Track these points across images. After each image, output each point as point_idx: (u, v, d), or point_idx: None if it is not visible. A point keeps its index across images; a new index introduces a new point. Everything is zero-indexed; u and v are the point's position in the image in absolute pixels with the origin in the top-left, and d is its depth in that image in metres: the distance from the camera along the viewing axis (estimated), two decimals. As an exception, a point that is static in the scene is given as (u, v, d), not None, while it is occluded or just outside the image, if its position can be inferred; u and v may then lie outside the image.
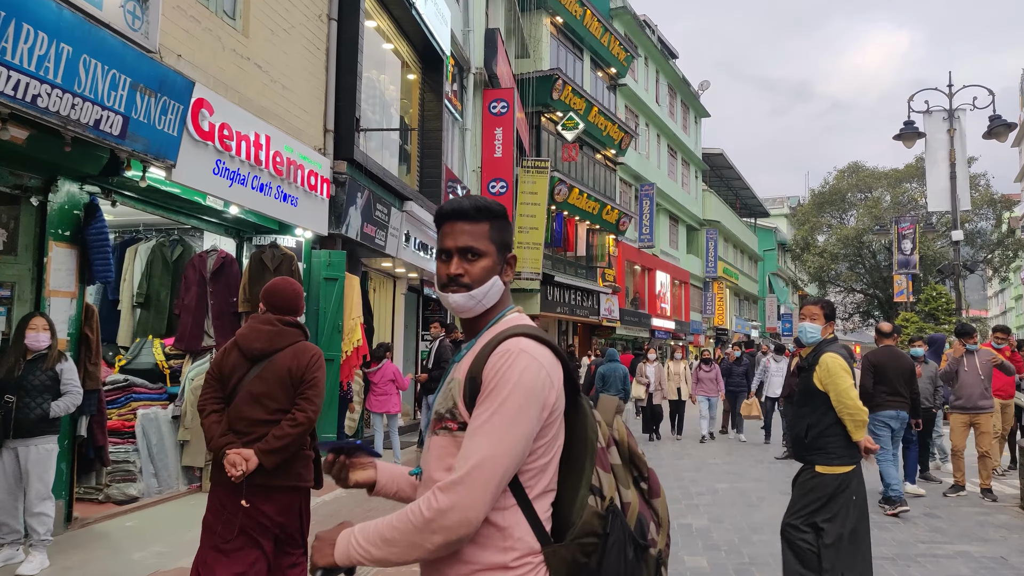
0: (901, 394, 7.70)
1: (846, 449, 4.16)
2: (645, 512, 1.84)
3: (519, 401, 1.59)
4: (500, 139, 15.80)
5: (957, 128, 18.48)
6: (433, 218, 1.83)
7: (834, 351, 4.27)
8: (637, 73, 32.34)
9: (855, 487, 4.19)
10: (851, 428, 4.16)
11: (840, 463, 4.15)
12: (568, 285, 24.36)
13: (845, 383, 4.15)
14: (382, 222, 10.05)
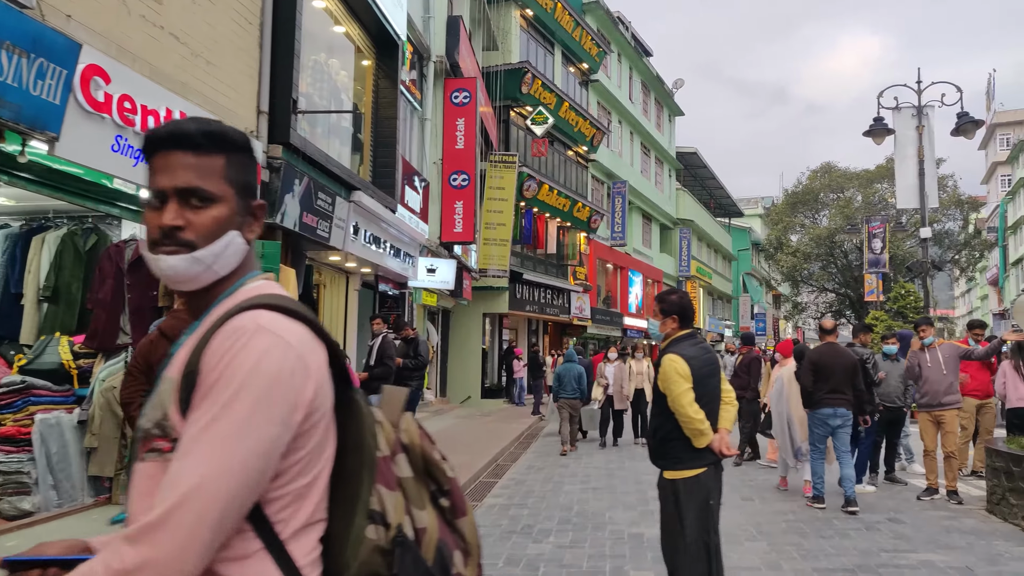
0: (841, 392, 7.55)
1: (691, 452, 3.84)
2: (447, 538, 1.37)
3: (253, 399, 1.10)
4: (462, 130, 15.29)
5: (926, 125, 18.27)
6: (142, 146, 1.28)
7: (678, 352, 3.88)
8: (610, 69, 31.95)
9: (711, 490, 3.85)
10: (689, 435, 3.83)
11: (685, 467, 3.84)
12: (538, 283, 23.91)
13: (678, 388, 3.78)
14: (325, 212, 9.50)
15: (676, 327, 4.03)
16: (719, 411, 3.99)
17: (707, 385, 3.88)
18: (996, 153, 65.35)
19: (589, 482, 9.37)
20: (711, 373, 3.93)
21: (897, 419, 8.91)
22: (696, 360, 3.88)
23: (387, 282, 13.71)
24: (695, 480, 3.82)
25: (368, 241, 11.36)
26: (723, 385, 4.06)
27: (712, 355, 4.03)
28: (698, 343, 4.01)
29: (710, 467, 3.85)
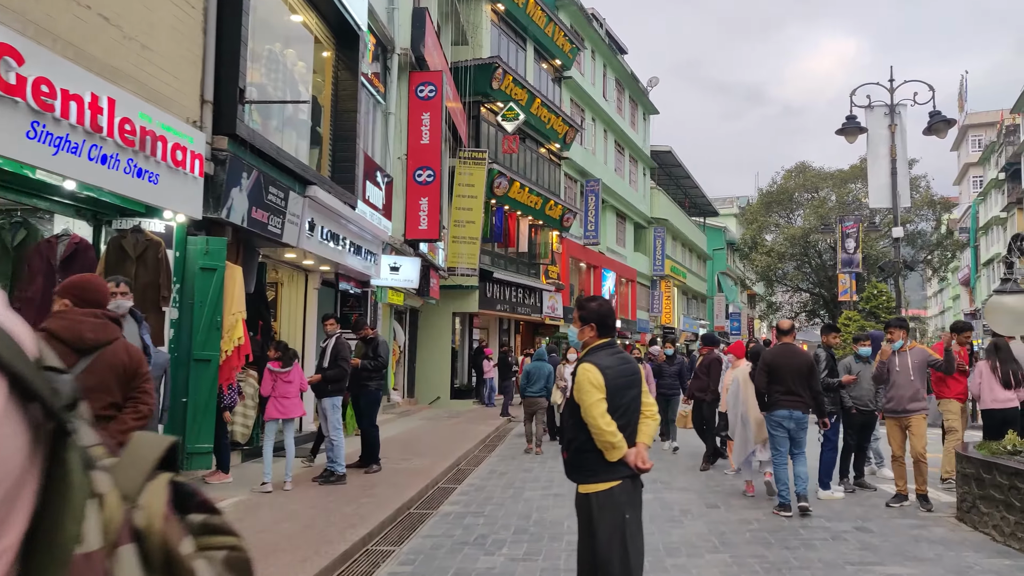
0: (796, 393, 7.41)
1: (605, 464, 3.64)
2: None
3: None
4: (427, 125, 14.91)
5: (898, 124, 18.18)
6: None
7: (593, 361, 3.69)
8: (584, 66, 31.69)
9: (626, 505, 3.64)
10: (601, 448, 3.63)
11: (598, 480, 3.65)
12: (509, 282, 23.58)
13: (590, 399, 3.59)
14: (277, 207, 9.11)
15: (594, 335, 3.84)
16: (638, 424, 3.79)
17: (623, 397, 3.71)
18: (968, 154, 66.01)
19: (551, 487, 9.05)
20: (629, 385, 3.75)
21: (869, 423, 8.69)
22: (612, 370, 3.70)
23: (348, 280, 13.31)
24: (608, 494, 3.63)
25: (325, 238, 10.97)
26: (645, 398, 3.87)
27: (632, 366, 3.85)
28: (616, 353, 3.84)
29: (626, 480, 3.66)
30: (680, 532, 6.78)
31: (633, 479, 3.71)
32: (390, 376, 18.17)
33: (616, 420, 3.63)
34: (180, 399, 7.66)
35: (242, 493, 7.94)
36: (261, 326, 9.98)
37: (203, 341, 7.74)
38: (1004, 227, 54.09)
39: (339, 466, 8.77)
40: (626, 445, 3.65)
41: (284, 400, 8.11)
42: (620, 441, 3.61)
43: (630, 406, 3.74)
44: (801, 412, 7.49)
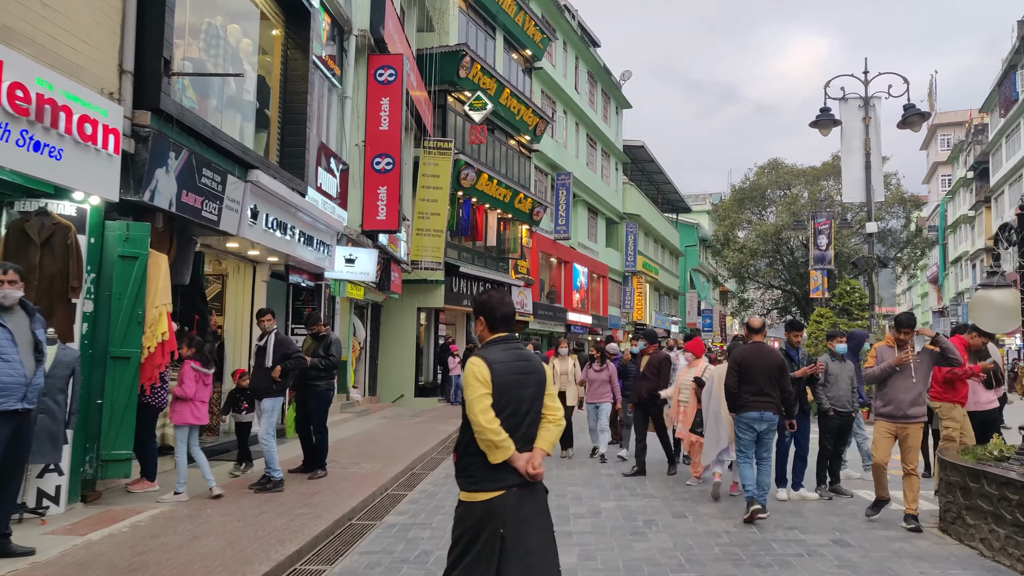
0: (767, 394, 7.15)
1: (488, 471, 3.32)
2: None
3: None
4: (387, 110, 14.19)
5: (872, 117, 17.83)
6: None
7: (483, 355, 3.41)
8: (555, 58, 31.08)
9: (506, 520, 3.27)
10: (483, 449, 3.31)
11: (478, 488, 3.33)
12: (476, 277, 22.94)
13: (472, 394, 3.32)
14: (213, 192, 8.38)
15: (484, 329, 3.56)
16: (538, 429, 3.47)
17: (514, 396, 3.38)
18: (937, 153, 66.47)
19: (508, 495, 8.43)
20: (521, 383, 3.42)
21: (846, 425, 8.16)
22: (503, 366, 3.38)
23: (300, 273, 12.59)
24: (487, 505, 3.30)
25: (272, 227, 10.25)
26: (550, 401, 3.54)
27: (531, 364, 3.50)
28: (512, 348, 3.50)
29: (509, 491, 3.31)
30: (643, 546, 6.20)
31: (524, 489, 3.35)
32: (350, 373, 17.46)
33: (503, 420, 3.31)
34: (95, 401, 6.93)
35: (166, 503, 7.23)
36: (197, 321, 9.25)
37: (122, 337, 7.01)
38: (972, 225, 54.47)
39: (276, 471, 8.09)
40: (512, 447, 3.31)
41: (202, 405, 7.42)
42: (504, 441, 3.28)
43: (523, 407, 3.41)
44: (772, 413, 7.19)
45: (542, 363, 3.57)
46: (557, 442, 3.60)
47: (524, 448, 3.37)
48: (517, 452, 3.33)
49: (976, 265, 52.12)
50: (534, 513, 3.38)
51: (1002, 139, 44.51)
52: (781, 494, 7.95)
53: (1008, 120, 42.11)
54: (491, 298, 3.58)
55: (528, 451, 3.39)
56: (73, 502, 6.83)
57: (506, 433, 3.29)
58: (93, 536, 6.00)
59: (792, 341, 8.29)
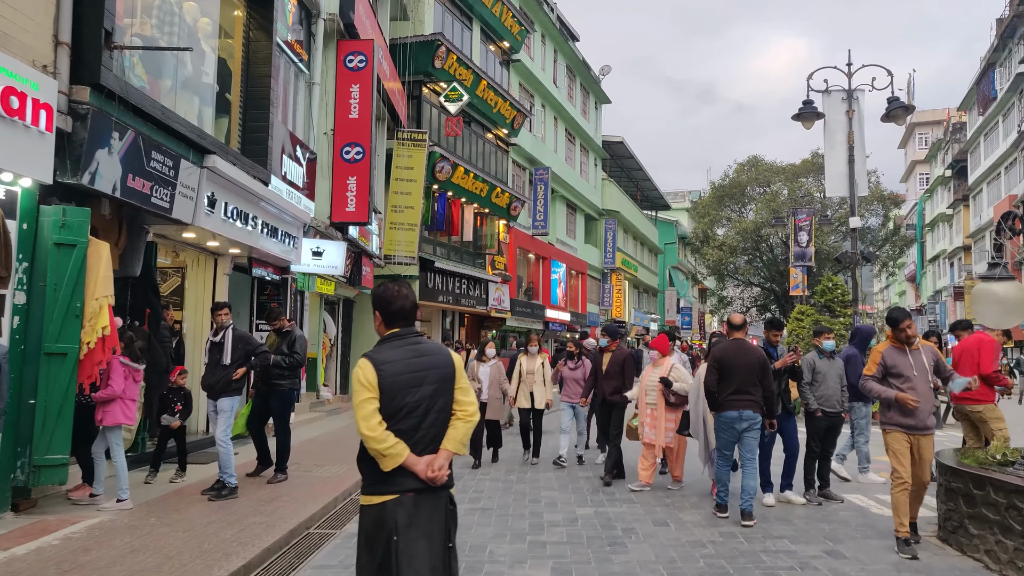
0: (748, 392, 6.88)
1: (380, 475, 3.17)
2: None
3: None
4: (357, 98, 13.62)
5: (856, 110, 17.47)
6: None
7: (371, 356, 3.23)
8: (533, 50, 30.59)
9: (398, 526, 3.11)
10: (372, 456, 3.17)
11: (371, 491, 3.20)
12: (452, 272, 22.42)
13: (356, 398, 3.17)
14: (164, 177, 7.80)
15: (380, 325, 3.36)
16: (444, 429, 3.26)
17: (408, 396, 3.18)
18: (915, 152, 66.73)
19: (479, 501, 7.94)
20: (419, 382, 3.20)
21: (835, 426, 7.74)
22: (392, 366, 3.17)
23: (264, 266, 12.00)
24: (379, 509, 3.15)
25: (232, 216, 9.68)
26: (460, 396, 3.31)
27: (430, 359, 3.27)
28: (409, 344, 3.27)
29: (404, 496, 3.15)
30: (622, 559, 5.72)
31: (424, 494, 3.16)
32: (320, 371, 16.89)
33: (396, 424, 3.13)
34: (27, 401, 6.36)
35: (107, 512, 6.67)
36: (149, 315, 8.67)
37: (58, 331, 6.43)
38: (950, 224, 54.69)
39: (232, 477, 7.55)
40: (403, 452, 3.12)
41: (131, 404, 6.87)
42: (391, 448, 3.10)
43: (420, 407, 3.19)
44: (752, 412, 6.90)
45: (449, 355, 3.34)
46: (467, 441, 3.35)
47: (428, 449, 3.18)
48: (415, 455, 3.14)
49: (954, 263, 52.33)
50: (431, 521, 3.17)
51: (980, 137, 44.63)
52: (767, 499, 7.52)
53: (987, 118, 42.20)
54: (386, 291, 3.37)
55: (432, 452, 3.19)
56: (2, 511, 6.26)
57: (393, 439, 3.10)
58: (18, 550, 5.44)
59: (771, 340, 7.85)
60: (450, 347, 20.50)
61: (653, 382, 8.44)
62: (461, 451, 3.30)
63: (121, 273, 8.30)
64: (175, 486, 7.94)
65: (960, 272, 49.52)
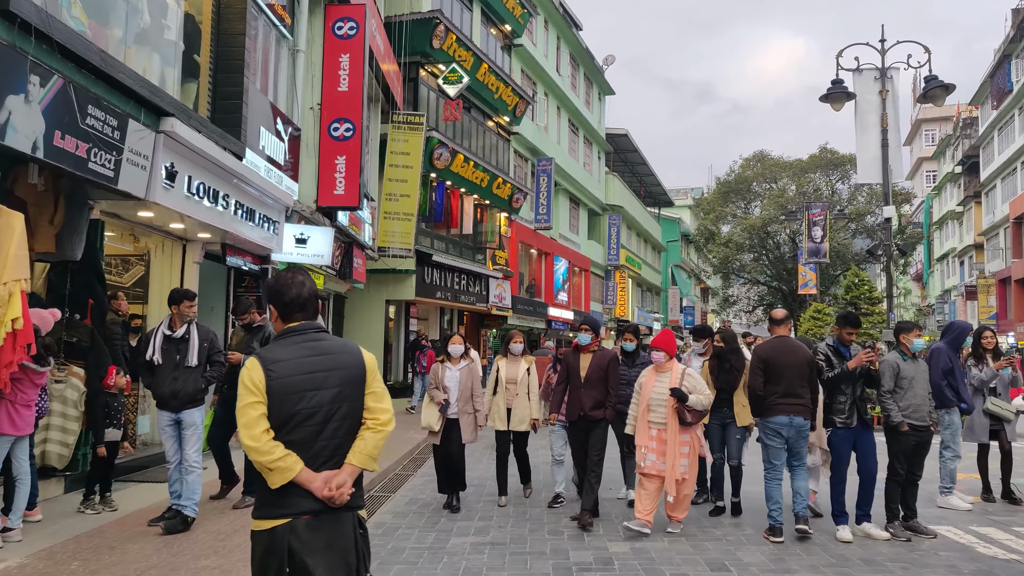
0: (797, 395, 6.27)
1: (273, 493, 2.68)
2: None
3: None
4: (346, 69, 12.23)
5: (890, 89, 16.15)
6: None
7: (262, 355, 2.76)
8: (535, 36, 29.22)
9: (293, 553, 2.64)
10: (259, 471, 2.70)
11: (263, 514, 2.71)
12: (451, 267, 21.05)
13: (240, 403, 2.69)
14: (105, 139, 6.43)
15: (276, 320, 2.93)
16: (350, 441, 2.80)
17: (302, 401, 2.72)
18: (922, 149, 65.44)
19: (487, 532, 6.55)
20: (318, 384, 2.76)
21: (924, 443, 6.36)
22: (284, 365, 2.74)
23: (241, 254, 10.61)
24: (269, 536, 2.67)
25: (198, 193, 8.29)
26: (371, 403, 2.86)
27: (335, 358, 2.82)
28: (308, 340, 2.83)
29: (298, 520, 2.67)
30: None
31: (322, 516, 2.71)
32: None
33: (289, 433, 2.70)
34: (-87, 414, 4.98)
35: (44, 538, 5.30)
36: (92, 306, 7.28)
37: (-47, 324, 5.05)
38: (960, 221, 53.42)
39: (193, 508, 6.18)
40: (294, 466, 2.67)
41: (24, 410, 5.51)
42: (278, 461, 2.66)
43: (319, 413, 2.75)
44: (803, 419, 6.27)
45: (359, 354, 2.89)
46: (377, 455, 2.86)
47: (329, 464, 2.75)
48: (311, 471, 2.70)
49: (964, 262, 51.07)
50: (330, 548, 2.71)
51: (994, 132, 43.28)
52: (842, 533, 6.14)
53: (1001, 112, 40.86)
54: (278, 281, 2.95)
55: (335, 468, 2.75)
56: None
57: (281, 451, 2.67)
58: None
59: (844, 338, 6.42)
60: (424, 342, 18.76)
61: (659, 394, 6.31)
62: (370, 466, 2.84)
63: (58, 256, 6.95)
64: (115, 516, 6.54)
65: (971, 271, 48.25)
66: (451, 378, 7.44)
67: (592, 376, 6.91)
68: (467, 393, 7.42)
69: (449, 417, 7.35)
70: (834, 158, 44.90)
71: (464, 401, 7.39)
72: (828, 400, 6.37)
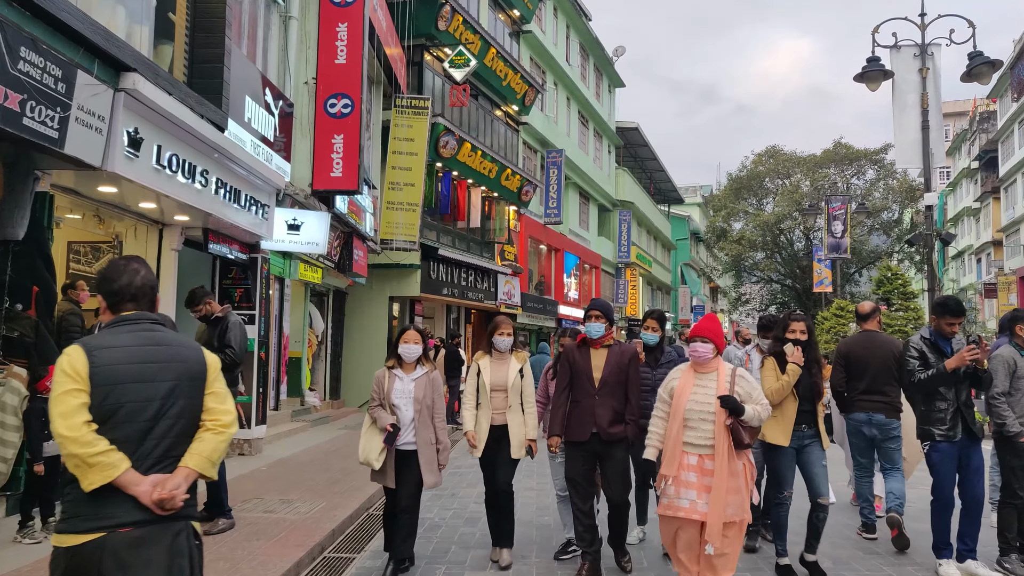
0: (881, 392, 5.99)
1: (87, 502, 2.34)
2: None
3: None
4: (344, 39, 11.10)
5: (931, 67, 15.00)
6: None
7: (88, 342, 2.48)
8: (545, 23, 28.10)
9: (109, 573, 2.29)
10: (71, 470, 2.37)
11: (71, 528, 2.35)
12: (458, 262, 19.93)
13: (56, 390, 2.40)
14: (45, 90, 5.33)
15: (105, 311, 2.66)
16: (185, 442, 2.52)
17: (130, 393, 2.44)
18: (935, 144, 64.12)
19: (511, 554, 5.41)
20: (151, 376, 2.48)
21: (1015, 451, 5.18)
22: (112, 353, 2.47)
23: (227, 241, 9.50)
24: (75, 555, 2.31)
25: (171, 167, 7.18)
26: (211, 403, 2.59)
27: (173, 350, 2.57)
28: (143, 330, 2.56)
29: (115, 533, 2.33)
30: None
31: (148, 528, 2.37)
32: (306, 373, 14.43)
33: (113, 429, 2.38)
34: None
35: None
36: (36, 294, 6.17)
37: None
38: (977, 218, 52.15)
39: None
40: (119, 464, 2.33)
41: None
42: (99, 456, 2.31)
43: (150, 409, 2.45)
44: (884, 416, 5.95)
45: (201, 351, 2.64)
46: (217, 459, 2.53)
47: (158, 468, 2.42)
48: (137, 473, 2.36)
49: (982, 259, 49.81)
50: (156, 567, 2.34)
51: (1014, 125, 42.03)
52: (947, 569, 5.00)
53: (1022, 104, 39.62)
54: (109, 266, 2.71)
55: (165, 473, 2.42)
56: None
57: (105, 445, 2.33)
58: None
59: (944, 330, 5.25)
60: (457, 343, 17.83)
61: (701, 405, 4.41)
62: (208, 472, 2.53)
63: (-3, 235, 5.85)
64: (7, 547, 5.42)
65: (990, 268, 47.02)
66: (402, 392, 5.23)
67: (609, 378, 5.10)
68: (426, 415, 5.21)
69: (401, 448, 5.15)
70: (849, 153, 43.79)
71: (423, 426, 5.19)
72: (924, 407, 5.22)
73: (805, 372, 5.13)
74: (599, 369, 5.12)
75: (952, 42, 14.88)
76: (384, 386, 5.25)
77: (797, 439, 5.14)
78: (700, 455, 4.33)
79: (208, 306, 6.29)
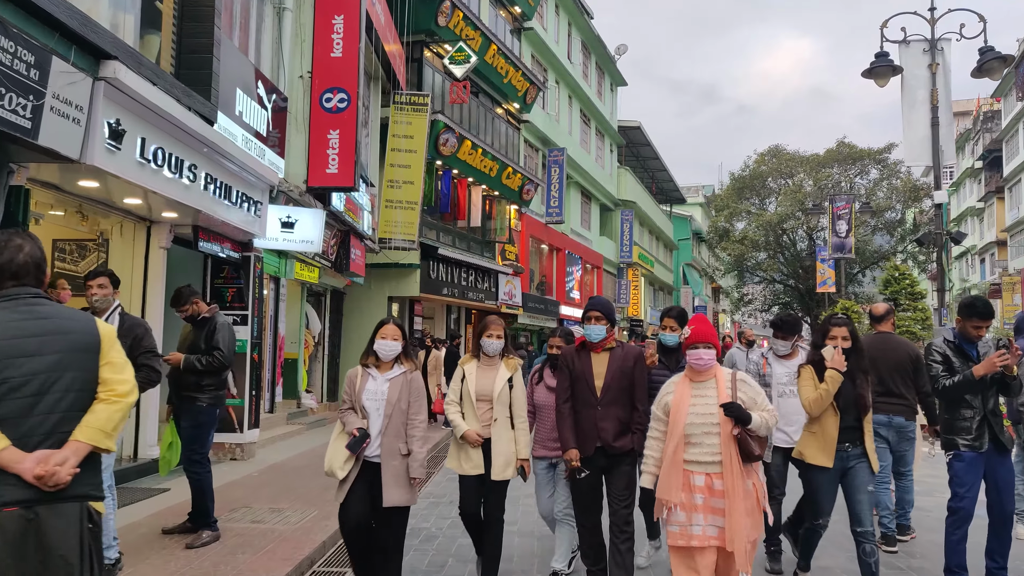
0: (898, 394, 5.97)
1: None
2: None
3: None
4: (341, 32, 10.79)
5: (941, 63, 14.71)
6: None
7: None
8: (546, 20, 27.80)
9: None
10: None
11: None
12: (458, 261, 19.62)
13: None
14: (17, 77, 5.03)
15: None
16: (75, 418, 2.45)
17: (10, 368, 2.38)
18: (939, 143, 63.80)
19: (515, 563, 5.07)
20: (28, 351, 2.41)
21: None
22: None
23: (218, 239, 9.18)
24: None
25: (156, 161, 6.88)
26: (108, 374, 2.55)
27: (57, 323, 2.50)
28: (23, 305, 2.49)
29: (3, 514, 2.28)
30: None
31: (36, 508, 2.31)
32: (302, 375, 14.13)
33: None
34: None
35: None
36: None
37: None
38: (980, 218, 51.80)
39: (111, 547, 4.76)
40: None
41: None
42: None
43: (31, 383, 2.39)
44: (904, 419, 5.96)
45: (92, 322, 2.59)
46: (112, 430, 2.46)
47: (47, 444, 2.37)
48: (19, 451, 2.30)
49: (986, 260, 49.46)
50: (43, 551, 2.29)
51: (1019, 124, 41.69)
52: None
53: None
54: None
55: (55, 448, 2.37)
56: None
57: None
58: None
59: (970, 334, 4.89)
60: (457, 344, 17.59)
61: (703, 417, 3.96)
62: (104, 444, 2.45)
63: (-32, 231, 5.54)
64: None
65: (994, 268, 46.68)
66: (374, 393, 4.49)
67: (613, 384, 4.60)
68: (399, 421, 4.45)
69: (369, 459, 4.45)
70: (852, 152, 43.45)
71: (392, 434, 4.43)
72: (948, 415, 4.89)
73: (848, 382, 4.52)
74: (601, 376, 4.61)
75: (963, 37, 14.60)
76: (355, 385, 4.52)
77: (841, 459, 4.56)
78: (708, 474, 3.86)
79: (195, 306, 5.98)
